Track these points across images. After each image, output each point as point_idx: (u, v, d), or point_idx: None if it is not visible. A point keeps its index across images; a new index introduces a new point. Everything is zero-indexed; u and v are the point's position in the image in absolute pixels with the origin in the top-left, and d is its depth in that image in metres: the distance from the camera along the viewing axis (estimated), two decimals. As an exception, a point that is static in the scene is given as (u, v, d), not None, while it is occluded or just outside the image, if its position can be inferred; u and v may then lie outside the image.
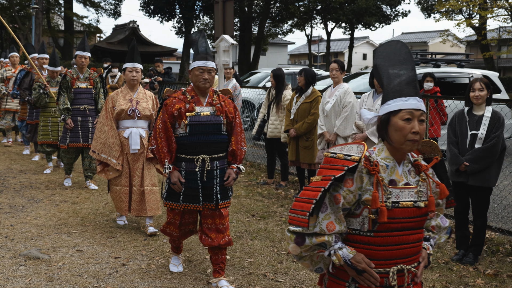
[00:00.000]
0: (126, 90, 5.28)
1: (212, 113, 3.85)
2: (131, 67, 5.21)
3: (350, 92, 6.19)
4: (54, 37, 32.43)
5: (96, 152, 5.27)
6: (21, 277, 4.15)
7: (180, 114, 3.81)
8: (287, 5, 31.88)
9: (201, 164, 3.84)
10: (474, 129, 4.63)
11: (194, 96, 3.89)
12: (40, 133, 8.14)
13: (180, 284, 4.09)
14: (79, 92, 7.09)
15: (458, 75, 10.45)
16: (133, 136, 5.17)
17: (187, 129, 3.80)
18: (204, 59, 3.85)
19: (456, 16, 31.14)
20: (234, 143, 3.94)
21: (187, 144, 3.83)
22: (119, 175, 5.24)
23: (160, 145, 3.84)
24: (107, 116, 5.21)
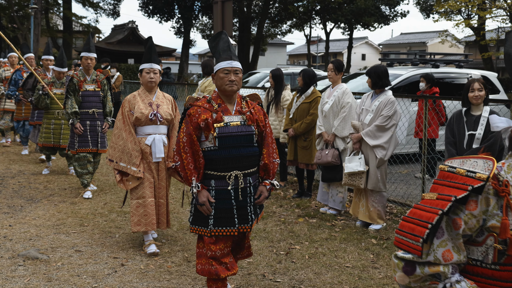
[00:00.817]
0: (144, 93, 4.80)
1: (242, 122, 3.43)
2: (148, 68, 4.78)
3: (349, 92, 6.20)
4: (53, 37, 32.40)
5: (114, 161, 4.70)
6: (19, 277, 4.15)
7: (207, 125, 3.36)
8: (286, 5, 31.91)
9: (234, 182, 3.40)
10: (472, 129, 4.65)
11: (221, 104, 3.44)
12: (42, 135, 7.98)
13: (179, 285, 4.09)
14: (87, 95, 6.75)
15: (457, 76, 10.46)
16: (157, 143, 4.69)
17: (216, 142, 3.35)
18: (229, 59, 3.45)
19: (455, 17, 31.18)
20: (266, 155, 3.53)
21: (217, 159, 3.38)
22: (143, 186, 4.67)
23: (185, 161, 3.37)
24: (124, 121, 4.69)
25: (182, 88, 12.72)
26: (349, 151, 5.74)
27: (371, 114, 5.55)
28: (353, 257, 4.75)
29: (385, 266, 4.55)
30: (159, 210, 4.78)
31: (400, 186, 7.43)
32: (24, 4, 30.27)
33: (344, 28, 36.87)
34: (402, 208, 6.34)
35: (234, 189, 3.41)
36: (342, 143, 6.12)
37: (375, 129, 5.47)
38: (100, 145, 6.82)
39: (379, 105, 5.50)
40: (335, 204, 6.20)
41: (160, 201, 4.78)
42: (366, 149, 5.57)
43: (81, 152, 6.73)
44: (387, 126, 5.45)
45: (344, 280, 4.23)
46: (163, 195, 4.78)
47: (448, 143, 4.81)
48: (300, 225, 5.72)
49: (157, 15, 32.88)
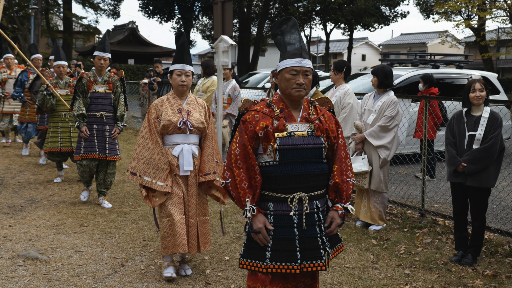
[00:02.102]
0: (174, 98, 4.23)
1: (309, 133, 2.81)
2: (180, 70, 4.17)
3: (350, 93, 6.20)
4: (53, 37, 32.43)
5: (137, 175, 4.11)
6: (19, 278, 4.15)
7: (266, 134, 2.77)
8: (286, 5, 31.94)
9: (297, 206, 2.78)
10: (472, 130, 4.65)
11: (283, 108, 2.85)
12: (49, 140, 7.46)
13: (179, 285, 4.09)
14: (96, 97, 6.23)
15: (457, 76, 10.47)
16: (185, 154, 4.10)
17: (276, 155, 2.76)
18: (298, 56, 2.82)
19: (455, 17, 31.19)
20: (337, 173, 2.88)
21: (277, 177, 2.78)
22: (171, 202, 4.07)
23: (238, 177, 2.78)
24: (150, 129, 4.12)
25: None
26: (352, 151, 5.75)
27: (374, 115, 5.56)
28: (353, 258, 4.75)
29: (385, 267, 4.55)
30: (190, 232, 4.13)
31: (400, 187, 7.43)
32: (24, 5, 30.31)
33: (344, 29, 36.91)
34: (402, 209, 6.34)
35: (298, 215, 2.79)
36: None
37: (379, 129, 5.48)
38: (108, 152, 6.24)
39: (382, 106, 5.51)
40: (335, 204, 6.19)
41: (190, 221, 4.13)
42: (369, 149, 5.58)
43: (86, 158, 6.21)
44: (390, 126, 5.47)
45: (344, 280, 4.23)
46: (193, 214, 4.15)
47: (448, 143, 4.81)
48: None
49: (157, 16, 32.93)
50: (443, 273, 4.44)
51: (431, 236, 5.40)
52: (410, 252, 4.94)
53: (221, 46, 7.88)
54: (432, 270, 4.50)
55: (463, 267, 4.58)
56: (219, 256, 4.71)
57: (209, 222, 4.22)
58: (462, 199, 4.78)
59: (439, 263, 4.68)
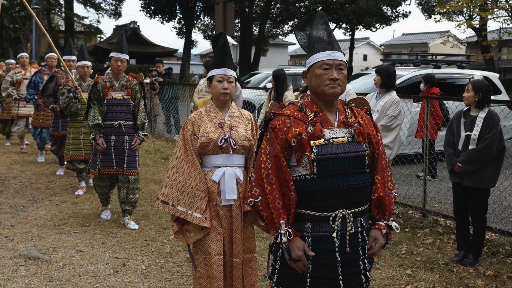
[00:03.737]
0: (214, 110, 3.46)
1: (350, 138, 2.44)
2: (221, 75, 3.42)
3: (352, 93, 6.20)
4: (54, 37, 32.47)
5: (169, 203, 3.34)
6: (21, 278, 4.15)
7: (300, 143, 2.40)
8: (288, 6, 31.95)
9: (340, 226, 2.40)
10: (468, 130, 4.67)
11: (318, 112, 2.47)
12: (70, 147, 6.82)
13: (180, 285, 4.09)
14: (113, 104, 5.50)
15: (459, 76, 10.46)
16: (228, 179, 3.33)
17: (313, 167, 2.38)
18: (329, 49, 2.47)
19: (457, 17, 31.17)
20: (380, 185, 2.51)
21: (316, 193, 2.40)
22: (208, 238, 3.32)
23: (270, 195, 2.40)
24: (186, 149, 3.38)
25: (184, 88, 12.73)
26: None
27: (376, 114, 5.57)
28: (355, 258, 4.74)
29: (386, 267, 4.55)
30: (234, 274, 3.39)
31: (401, 187, 7.42)
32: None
33: (346, 29, 36.89)
34: (404, 209, 6.34)
35: (340, 235, 2.40)
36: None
37: (381, 129, 5.49)
38: (126, 165, 5.50)
39: (384, 105, 5.52)
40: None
41: (235, 261, 3.37)
42: (371, 148, 5.59)
43: (103, 172, 5.54)
44: (392, 126, 5.47)
45: (345, 280, 4.22)
46: (239, 252, 3.37)
47: (446, 143, 4.84)
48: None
49: (159, 16, 32.94)
50: (444, 273, 4.44)
51: (432, 236, 5.39)
52: (412, 252, 4.94)
53: (222, 46, 7.87)
54: (433, 270, 4.50)
55: (465, 267, 4.57)
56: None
57: (256, 260, 3.47)
58: (462, 199, 4.79)
59: (441, 263, 4.68)
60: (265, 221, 2.46)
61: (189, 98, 11.75)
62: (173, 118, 12.89)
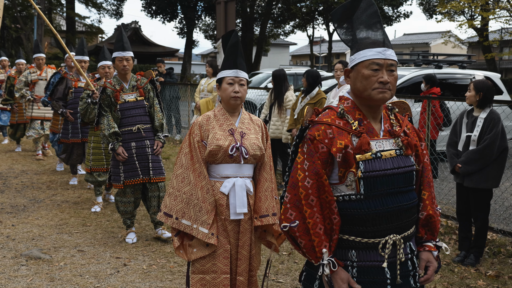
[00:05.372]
0: (223, 115, 3.14)
1: (398, 151, 2.12)
2: (232, 77, 3.11)
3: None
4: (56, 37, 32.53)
5: (173, 216, 3.03)
6: (22, 277, 4.16)
7: (346, 158, 2.06)
8: (289, 5, 31.95)
9: (390, 253, 2.08)
10: (469, 131, 4.66)
11: (361, 120, 2.13)
12: (90, 158, 6.26)
13: (181, 285, 4.09)
14: (127, 107, 5.00)
15: (460, 76, 10.46)
16: (238, 191, 3.03)
17: (360, 186, 2.06)
18: (380, 45, 2.12)
19: (458, 17, 31.16)
20: (428, 202, 2.22)
21: (363, 217, 2.07)
22: (214, 256, 3.02)
23: (310, 219, 2.07)
24: (192, 156, 3.05)
25: (185, 88, 12.74)
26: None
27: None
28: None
29: (387, 267, 4.54)
30: None
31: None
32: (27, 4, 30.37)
33: (347, 29, 36.84)
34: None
35: (390, 265, 2.09)
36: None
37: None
38: (152, 172, 4.99)
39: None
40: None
41: (239, 279, 3.08)
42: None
43: (128, 184, 4.99)
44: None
45: (346, 281, 4.22)
46: (244, 270, 3.08)
47: (449, 144, 4.84)
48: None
49: (160, 16, 32.97)
50: (445, 273, 4.44)
51: (433, 236, 5.39)
52: (413, 252, 4.93)
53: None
54: (434, 271, 4.49)
55: (466, 268, 4.57)
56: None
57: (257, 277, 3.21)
58: (464, 200, 4.78)
59: (442, 263, 4.67)
60: (301, 249, 2.11)
61: (190, 98, 11.76)
62: (174, 118, 12.90)
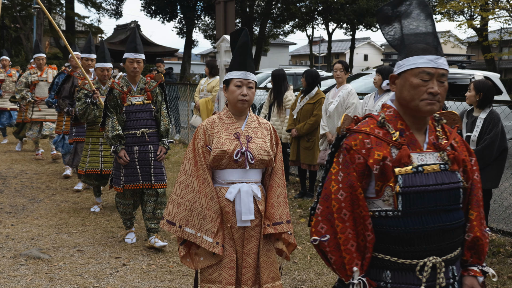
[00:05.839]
0: (229, 118, 3.01)
1: (443, 166, 1.98)
2: (240, 79, 2.96)
3: (354, 93, 6.21)
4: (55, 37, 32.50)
5: (176, 224, 2.92)
6: (21, 277, 4.15)
7: (383, 170, 1.94)
8: (288, 5, 31.97)
9: (429, 276, 1.93)
10: (469, 131, 4.66)
11: (403, 130, 2.00)
12: (87, 160, 6.01)
13: (180, 285, 4.10)
14: (133, 110, 4.88)
15: (459, 76, 10.46)
16: (244, 197, 2.91)
17: (398, 202, 1.93)
18: (432, 53, 1.96)
19: (457, 17, 31.16)
20: (476, 223, 2.06)
21: (400, 235, 1.94)
22: (220, 265, 2.91)
23: (341, 235, 1.97)
24: (196, 162, 2.94)
25: (185, 88, 12.74)
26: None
27: (374, 114, 5.58)
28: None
29: (387, 267, 4.55)
30: None
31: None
32: (26, 4, 30.37)
33: (347, 29, 36.92)
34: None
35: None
36: (345, 144, 6.13)
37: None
38: (154, 178, 4.91)
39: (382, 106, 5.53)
40: (337, 204, 6.19)
41: None
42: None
43: (129, 188, 4.91)
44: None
45: (346, 280, 4.22)
46: (249, 279, 2.94)
47: None
48: (302, 225, 5.71)
49: (160, 15, 32.98)
50: (445, 274, 4.44)
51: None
52: (412, 252, 4.93)
53: (223, 45, 7.89)
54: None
55: (465, 268, 4.57)
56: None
57: None
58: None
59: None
60: (332, 265, 2.01)
61: (189, 98, 11.76)
62: (174, 118, 12.90)
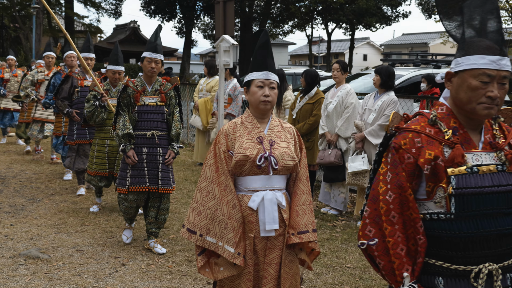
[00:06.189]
0: (251, 122, 2.87)
1: (500, 167, 1.88)
2: (261, 80, 2.84)
3: (352, 93, 6.21)
4: (54, 37, 32.50)
5: (197, 233, 2.78)
6: (20, 277, 4.15)
7: (435, 171, 1.85)
8: (288, 5, 31.97)
9: (485, 284, 1.85)
10: None
11: (457, 129, 1.90)
12: (93, 161, 5.97)
13: (180, 284, 4.10)
14: (145, 111, 4.75)
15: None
16: (268, 206, 2.75)
17: (450, 205, 1.84)
18: (495, 53, 1.83)
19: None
20: None
21: (453, 240, 1.86)
22: (239, 276, 2.77)
23: (390, 238, 1.88)
24: (217, 168, 2.80)
25: (184, 88, 12.73)
26: (352, 150, 5.77)
27: (374, 114, 5.58)
28: (354, 258, 4.74)
29: (386, 267, 4.55)
30: None
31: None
32: (26, 4, 30.36)
33: (346, 29, 36.93)
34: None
35: None
36: (344, 144, 6.12)
37: (378, 128, 5.50)
38: (161, 182, 4.74)
39: (382, 105, 5.54)
40: (336, 204, 6.20)
41: None
42: (369, 148, 5.60)
43: (133, 190, 4.73)
44: (389, 126, 5.48)
45: (345, 280, 4.23)
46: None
47: None
48: (301, 225, 5.71)
49: (159, 15, 32.97)
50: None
51: (432, 236, 5.40)
52: (411, 252, 4.93)
53: (222, 45, 7.89)
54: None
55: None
56: (220, 255, 4.70)
57: None
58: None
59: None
60: (380, 270, 1.93)
61: (189, 97, 11.76)
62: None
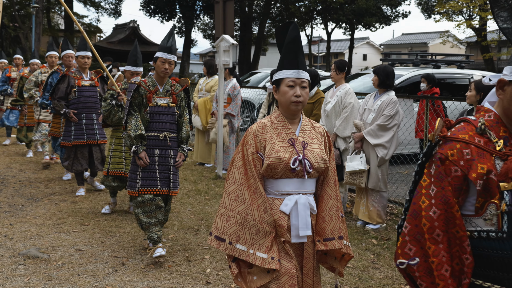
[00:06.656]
0: (281, 122, 2.71)
1: None
2: (292, 79, 2.65)
3: (351, 93, 6.21)
4: (54, 36, 32.49)
5: (226, 241, 2.61)
6: (20, 276, 4.15)
7: (487, 186, 1.71)
8: (288, 5, 31.96)
9: None
10: None
11: (507, 138, 1.77)
12: (109, 161, 6.00)
13: (179, 284, 4.10)
14: (158, 112, 4.64)
15: (458, 76, 10.47)
16: (301, 211, 2.60)
17: (503, 223, 1.70)
18: None
19: (456, 17, 31.17)
20: None
21: (504, 260, 1.71)
22: (279, 283, 2.57)
23: (434, 259, 1.74)
24: (246, 171, 2.64)
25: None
26: (351, 150, 5.77)
27: (373, 114, 5.58)
28: (354, 258, 4.75)
29: (385, 267, 4.55)
30: None
31: (401, 187, 7.43)
32: (25, 3, 30.34)
33: (346, 28, 36.92)
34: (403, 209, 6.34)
35: None
36: (343, 143, 6.13)
37: (377, 128, 5.50)
38: (172, 185, 4.67)
39: (381, 105, 5.53)
40: (335, 204, 6.19)
41: None
42: (368, 148, 5.60)
43: (145, 193, 4.59)
44: (388, 125, 5.48)
45: (344, 280, 4.23)
46: None
47: None
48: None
49: (159, 15, 32.94)
50: (443, 273, 4.44)
51: (431, 236, 5.39)
52: (411, 252, 4.93)
53: (222, 45, 7.89)
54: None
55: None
56: (220, 255, 4.71)
57: None
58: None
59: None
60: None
61: (188, 97, 11.73)
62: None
